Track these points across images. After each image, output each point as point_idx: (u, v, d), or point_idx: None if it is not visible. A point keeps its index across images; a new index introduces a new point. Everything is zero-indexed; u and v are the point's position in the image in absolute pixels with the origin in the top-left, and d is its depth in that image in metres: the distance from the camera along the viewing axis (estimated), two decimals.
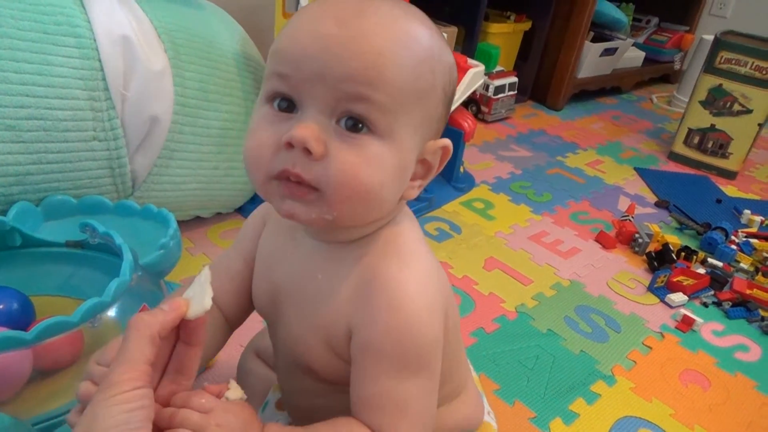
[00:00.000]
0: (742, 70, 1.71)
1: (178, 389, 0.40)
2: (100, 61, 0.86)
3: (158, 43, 0.93)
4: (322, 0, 0.41)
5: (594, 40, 2.18)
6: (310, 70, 0.38)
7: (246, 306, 0.55)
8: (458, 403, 0.60)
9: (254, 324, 0.64)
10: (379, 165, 0.39)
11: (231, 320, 0.56)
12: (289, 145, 0.38)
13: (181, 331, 0.40)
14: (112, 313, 0.67)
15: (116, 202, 0.90)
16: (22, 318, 0.71)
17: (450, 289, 0.52)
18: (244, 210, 1.24)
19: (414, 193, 0.45)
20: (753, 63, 1.69)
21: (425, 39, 0.41)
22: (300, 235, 0.49)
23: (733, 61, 1.72)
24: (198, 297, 0.39)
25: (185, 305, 0.39)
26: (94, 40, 0.85)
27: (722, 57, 1.73)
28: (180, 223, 1.11)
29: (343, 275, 0.45)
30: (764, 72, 1.68)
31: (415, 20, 0.42)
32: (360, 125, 0.39)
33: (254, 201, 1.24)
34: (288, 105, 0.40)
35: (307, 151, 0.38)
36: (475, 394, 0.64)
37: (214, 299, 0.40)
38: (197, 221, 1.17)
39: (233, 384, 0.41)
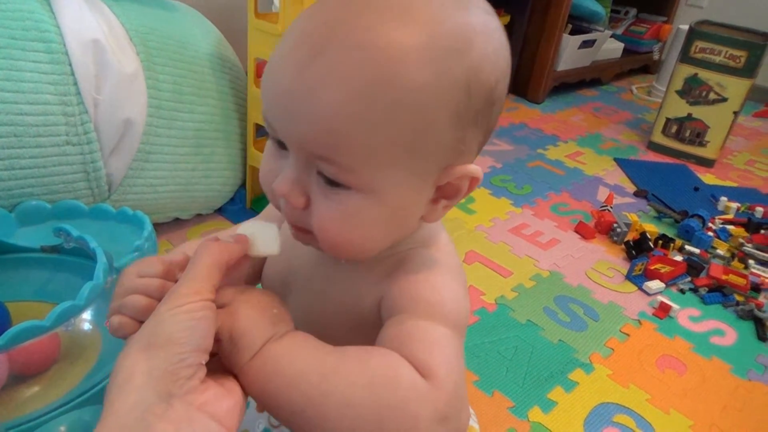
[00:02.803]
0: (717, 59, 1.73)
1: None
2: (70, 65, 0.86)
3: (130, 46, 0.94)
4: (297, 20, 0.37)
5: (572, 32, 2.20)
6: (279, 128, 0.37)
7: (258, 278, 0.54)
8: None
9: None
10: (360, 220, 0.37)
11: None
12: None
13: None
14: (86, 316, 0.67)
15: (91, 206, 0.90)
16: None
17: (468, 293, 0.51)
18: (224, 211, 1.24)
19: (438, 215, 0.41)
20: (727, 52, 1.71)
21: (411, 66, 0.34)
22: None
23: (708, 51, 1.74)
24: (265, 239, 0.40)
25: (249, 242, 0.39)
26: (64, 45, 0.85)
27: (697, 46, 1.76)
28: (159, 225, 1.11)
29: (374, 259, 0.43)
30: (738, 60, 1.70)
31: (404, 38, 0.34)
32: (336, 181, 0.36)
33: (234, 202, 1.25)
34: (282, 143, 0.39)
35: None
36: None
37: None
38: (177, 223, 1.17)
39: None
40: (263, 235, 0.40)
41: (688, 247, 1.32)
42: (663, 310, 1.12)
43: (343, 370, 0.34)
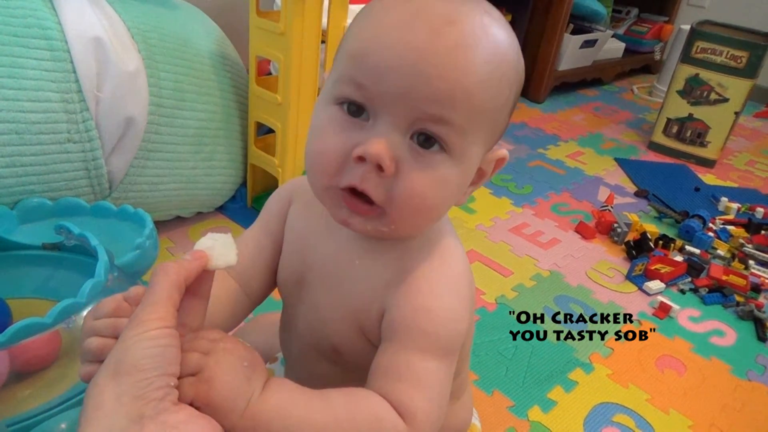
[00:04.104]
0: (718, 59, 1.73)
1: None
2: (72, 62, 0.86)
3: (131, 43, 0.93)
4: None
5: (574, 32, 2.20)
6: (392, 86, 0.36)
7: (270, 282, 0.55)
8: (458, 407, 0.60)
9: None
10: (446, 185, 0.40)
11: (254, 296, 0.54)
12: (360, 159, 0.37)
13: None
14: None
15: (93, 203, 0.90)
16: None
17: (474, 292, 0.53)
18: (225, 209, 1.24)
19: (466, 199, 0.45)
20: (728, 52, 1.71)
21: (510, 48, 0.40)
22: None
23: (709, 51, 1.74)
24: (222, 251, 0.40)
25: (206, 256, 0.39)
26: (66, 42, 0.85)
27: (698, 47, 1.76)
28: (160, 223, 1.11)
29: (382, 263, 0.45)
30: (739, 61, 1.70)
31: (499, 24, 0.39)
32: (433, 141, 0.38)
33: (235, 200, 1.25)
34: (358, 110, 0.39)
35: (379, 168, 0.37)
36: (470, 399, 0.66)
37: (238, 274, 0.42)
38: (178, 221, 1.17)
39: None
40: (220, 247, 0.40)
41: (688, 248, 1.32)
42: (663, 311, 1.12)
43: (333, 427, 0.37)
